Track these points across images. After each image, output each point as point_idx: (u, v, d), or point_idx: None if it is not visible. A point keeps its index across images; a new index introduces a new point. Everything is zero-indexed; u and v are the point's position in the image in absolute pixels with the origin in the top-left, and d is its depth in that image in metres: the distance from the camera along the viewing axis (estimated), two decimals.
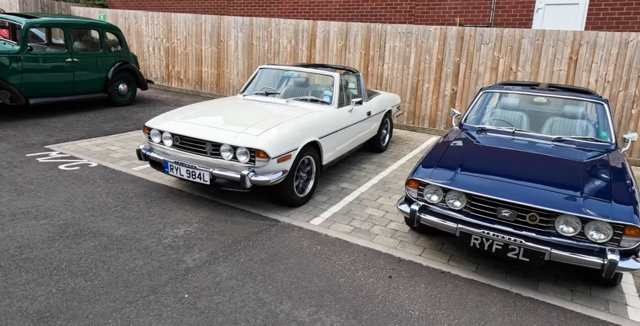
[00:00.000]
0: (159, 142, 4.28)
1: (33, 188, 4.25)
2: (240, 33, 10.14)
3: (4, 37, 7.44)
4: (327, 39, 9.15)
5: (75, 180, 4.60)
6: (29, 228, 3.42)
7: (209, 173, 3.94)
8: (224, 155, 3.92)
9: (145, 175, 5.00)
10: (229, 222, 3.93)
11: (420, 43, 8.25)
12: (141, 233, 3.53)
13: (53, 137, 6.21)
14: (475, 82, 7.90)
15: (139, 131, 6.91)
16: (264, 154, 3.79)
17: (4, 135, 6.03)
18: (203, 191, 4.62)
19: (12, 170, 4.71)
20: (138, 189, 4.52)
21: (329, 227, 4.01)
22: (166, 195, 4.44)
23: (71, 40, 7.48)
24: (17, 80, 6.78)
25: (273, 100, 5.15)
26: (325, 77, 5.49)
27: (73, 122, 7.14)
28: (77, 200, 4.08)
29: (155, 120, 4.39)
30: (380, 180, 5.43)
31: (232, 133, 3.97)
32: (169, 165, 4.13)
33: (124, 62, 8.50)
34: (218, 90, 10.75)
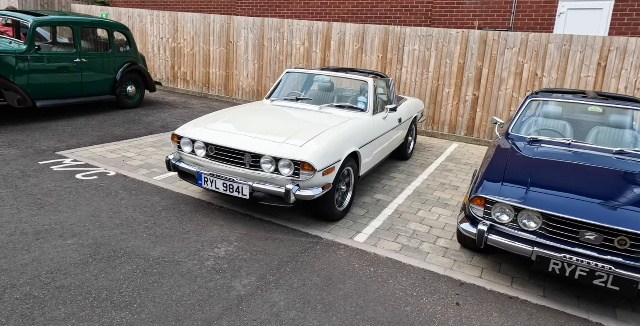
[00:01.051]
0: (190, 151, 3.98)
1: (53, 202, 3.92)
2: (251, 34, 9.83)
3: (9, 36, 7.06)
4: (342, 42, 8.88)
5: (97, 192, 4.27)
6: (58, 249, 3.10)
7: (248, 187, 3.64)
8: (265, 167, 3.63)
9: (169, 185, 4.69)
10: (269, 239, 3.64)
11: (441, 47, 8.01)
12: (179, 254, 3.23)
13: (64, 142, 5.86)
14: (498, 88, 7.68)
15: (152, 136, 6.58)
16: (309, 167, 3.51)
17: (12, 141, 5.66)
18: (234, 203, 4.32)
19: (27, 181, 4.37)
20: (165, 202, 4.21)
21: (376, 245, 3.74)
22: (196, 208, 4.13)
23: (80, 39, 7.13)
24: (23, 81, 6.42)
25: (305, 107, 4.87)
26: (357, 82, 5.22)
27: (82, 126, 6.79)
28: (103, 215, 3.76)
29: (186, 128, 4.09)
30: (414, 190, 5.17)
31: (274, 143, 3.68)
32: (203, 178, 3.83)
33: (132, 63, 8.16)
34: (226, 92, 10.43)
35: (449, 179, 5.72)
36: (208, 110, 9.04)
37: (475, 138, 7.95)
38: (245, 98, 10.21)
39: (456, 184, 5.53)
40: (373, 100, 4.91)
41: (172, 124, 7.45)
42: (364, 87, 5.21)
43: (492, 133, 7.83)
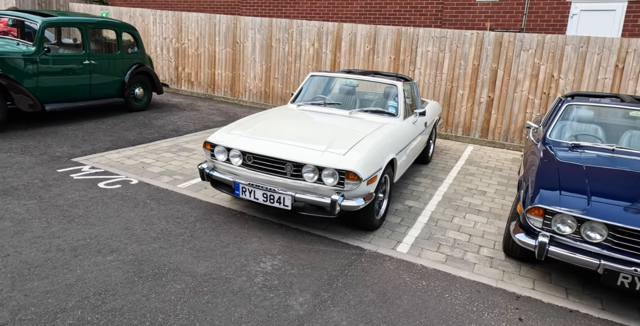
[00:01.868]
0: (224, 160, 3.82)
1: (82, 214, 3.74)
2: (258, 34, 9.66)
3: (14, 36, 6.81)
4: (353, 43, 8.76)
5: (124, 202, 4.10)
6: (99, 266, 2.93)
7: (290, 198, 3.51)
8: (307, 176, 3.50)
9: (195, 193, 4.53)
10: (311, 251, 3.51)
11: (455, 48, 7.93)
12: (225, 269, 3.08)
13: (78, 147, 5.65)
14: (513, 90, 7.62)
15: (166, 140, 6.39)
16: (354, 176, 3.38)
17: (25, 147, 5.45)
18: (266, 213, 4.18)
19: (50, 190, 4.17)
20: (196, 212, 4.05)
21: (420, 255, 3.63)
22: (229, 218, 3.98)
23: (88, 40, 6.90)
24: (32, 84, 6.19)
25: (334, 112, 4.74)
26: (380, 85, 5.10)
27: (92, 130, 6.58)
28: (136, 228, 3.59)
29: (219, 135, 3.93)
30: (442, 196, 5.07)
31: (315, 152, 3.54)
32: (240, 188, 3.68)
33: (140, 65, 7.94)
34: (232, 93, 10.25)
35: (474, 183, 5.63)
36: (216, 112, 8.87)
37: (490, 140, 7.89)
38: (252, 99, 10.04)
39: (482, 189, 5.45)
40: (403, 104, 4.80)
41: (184, 127, 7.26)
42: (390, 91, 5.09)
43: (523, 137, 7.77)
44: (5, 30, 6.92)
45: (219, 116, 8.50)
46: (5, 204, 3.74)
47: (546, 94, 7.42)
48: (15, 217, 3.52)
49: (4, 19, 6.97)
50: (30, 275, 2.73)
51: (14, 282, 2.64)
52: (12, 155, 5.07)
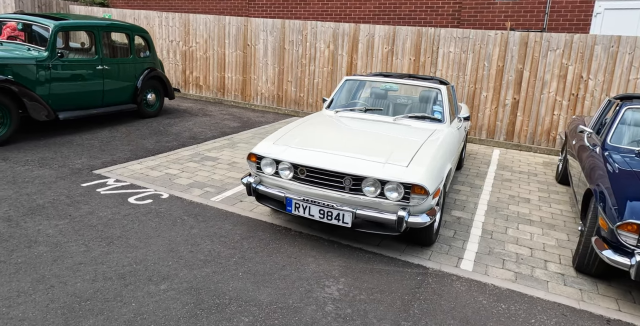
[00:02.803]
0: (272, 173, 3.54)
1: (119, 234, 3.44)
2: (270, 36, 9.37)
3: (22, 40, 6.46)
4: (371, 44, 8.50)
5: (160, 219, 3.80)
6: (154, 297, 2.64)
7: (351, 214, 3.23)
8: (368, 191, 3.23)
9: (231, 207, 4.24)
10: (373, 272, 3.24)
11: (479, 49, 7.71)
12: (291, 297, 2.80)
13: (97, 158, 5.33)
14: (540, 91, 7.41)
15: (186, 149, 6.09)
16: (421, 190, 3.12)
17: (41, 158, 5.11)
18: (311, 228, 3.90)
19: (79, 208, 3.86)
20: (239, 229, 3.76)
21: (487, 273, 3.37)
22: (275, 236, 3.70)
23: (101, 45, 6.58)
24: (44, 91, 5.85)
25: (377, 118, 4.47)
26: (427, 90, 4.84)
27: (108, 138, 6.25)
28: (181, 249, 3.30)
29: (264, 147, 3.64)
30: (487, 205, 4.83)
31: (376, 164, 3.28)
32: (293, 204, 3.40)
33: (152, 69, 7.63)
34: (243, 97, 9.94)
35: (514, 190, 5.40)
36: (229, 117, 8.57)
37: (515, 144, 7.67)
38: (264, 103, 9.75)
39: (525, 196, 5.21)
40: (449, 109, 4.55)
41: (201, 134, 6.96)
42: (429, 95, 4.84)
43: (551, 140, 7.55)
44: (14, 35, 6.57)
45: (234, 121, 8.21)
46: (36, 225, 3.42)
47: (574, 95, 7.22)
48: (49, 240, 3.21)
49: (11, 23, 6.62)
50: (83, 310, 2.43)
51: (66, 321, 2.34)
52: (31, 168, 4.74)
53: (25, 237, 3.21)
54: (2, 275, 2.69)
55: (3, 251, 2.98)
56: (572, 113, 7.28)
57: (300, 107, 9.40)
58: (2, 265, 2.80)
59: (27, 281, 2.66)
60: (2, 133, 5.33)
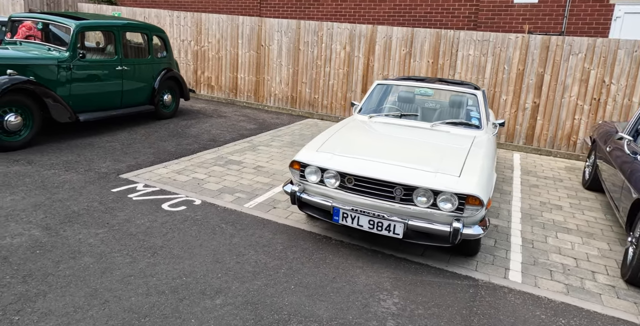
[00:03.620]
0: (316, 181, 3.46)
1: (161, 244, 3.34)
2: (285, 37, 9.27)
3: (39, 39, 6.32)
4: (388, 46, 8.43)
5: (199, 228, 3.71)
6: (212, 313, 2.55)
7: (402, 225, 3.16)
8: (420, 201, 3.16)
9: (266, 214, 4.16)
10: (424, 284, 3.17)
11: (499, 52, 7.65)
12: (349, 312, 2.73)
13: (121, 162, 5.23)
14: (561, 95, 7.37)
15: (208, 152, 5.99)
16: (476, 201, 3.06)
17: (66, 162, 5.00)
18: (351, 237, 3.83)
19: (115, 215, 3.76)
20: (280, 238, 3.68)
21: (537, 285, 3.32)
22: (317, 245, 3.62)
23: (121, 45, 6.46)
24: (65, 92, 5.73)
25: (413, 124, 4.40)
26: (461, 95, 4.77)
27: (128, 141, 6.14)
28: (227, 260, 3.22)
29: (308, 154, 3.56)
30: (521, 212, 4.77)
31: (427, 173, 3.21)
32: (340, 213, 3.32)
33: (168, 70, 7.52)
34: (256, 98, 9.84)
35: (544, 197, 5.34)
36: (244, 118, 8.47)
37: (535, 148, 7.63)
38: (278, 105, 9.65)
39: (555, 203, 5.16)
40: (485, 115, 4.49)
41: (219, 137, 6.86)
42: (461, 99, 4.77)
43: (571, 145, 7.50)
44: (31, 34, 6.44)
45: (249, 123, 8.11)
46: (76, 234, 3.32)
47: (596, 100, 7.18)
48: (93, 250, 3.12)
49: (27, 22, 6.48)
50: None
51: None
52: (57, 173, 4.63)
53: (67, 247, 3.11)
54: (54, 289, 2.60)
55: (49, 262, 2.88)
56: (594, 118, 7.25)
57: (314, 109, 9.31)
58: (52, 278, 2.70)
59: (80, 295, 2.57)
60: (25, 135, 5.21)
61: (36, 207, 3.71)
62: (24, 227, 3.31)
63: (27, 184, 4.21)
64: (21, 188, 4.09)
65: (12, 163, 4.74)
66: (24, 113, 5.15)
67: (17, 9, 10.46)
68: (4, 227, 3.28)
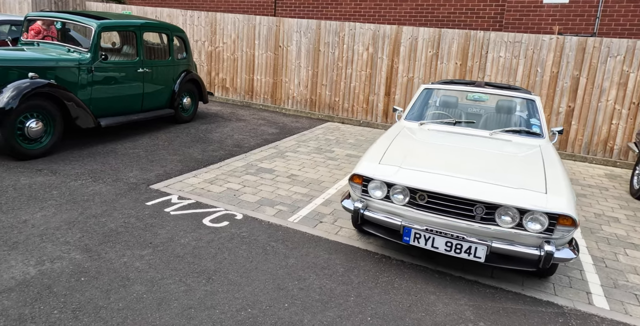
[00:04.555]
0: (381, 197, 3.15)
1: (214, 267, 3.02)
2: (304, 38, 8.95)
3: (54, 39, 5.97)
4: (414, 47, 8.13)
5: (249, 247, 3.39)
6: None
7: (485, 248, 2.86)
8: (503, 220, 2.85)
9: (313, 230, 3.84)
10: (508, 312, 2.87)
11: (531, 54, 7.37)
12: None
13: (148, 171, 4.90)
14: (597, 99, 7.09)
15: (236, 159, 5.67)
16: (568, 220, 2.76)
17: (92, 171, 4.67)
18: (410, 255, 3.52)
19: (156, 233, 3.44)
20: (336, 258, 3.37)
21: (627, 312, 3.02)
22: (378, 266, 3.31)
23: (142, 46, 6.12)
24: (86, 96, 5.40)
25: (471, 131, 4.10)
26: (518, 100, 4.47)
27: (151, 147, 5.80)
28: (290, 286, 2.90)
29: (371, 167, 3.25)
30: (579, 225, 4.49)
31: (511, 189, 2.90)
32: (412, 234, 3.01)
33: (188, 72, 7.19)
34: (273, 101, 9.52)
35: (597, 208, 5.06)
36: (264, 122, 8.15)
37: (569, 153, 7.35)
38: (296, 107, 9.33)
39: (610, 214, 4.88)
40: (546, 122, 4.19)
41: (244, 142, 6.54)
42: (511, 105, 4.47)
43: (608, 150, 7.23)
44: (47, 34, 6.08)
45: (270, 127, 7.79)
46: (119, 256, 3.00)
47: (635, 104, 6.91)
48: (142, 276, 2.79)
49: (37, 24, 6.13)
50: None
51: None
52: (85, 184, 4.29)
53: (114, 272, 2.78)
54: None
55: (98, 292, 2.55)
56: (633, 123, 6.98)
57: (334, 112, 9.00)
58: (105, 312, 2.38)
59: None
60: (46, 142, 4.87)
61: (70, 225, 3.38)
62: (62, 249, 2.99)
63: (56, 197, 3.88)
64: (50, 202, 3.75)
65: (36, 174, 4.40)
66: (45, 119, 4.82)
67: (24, 8, 10.09)
68: (40, 249, 2.95)
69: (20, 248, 2.93)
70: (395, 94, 8.41)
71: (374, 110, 8.66)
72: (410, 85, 8.27)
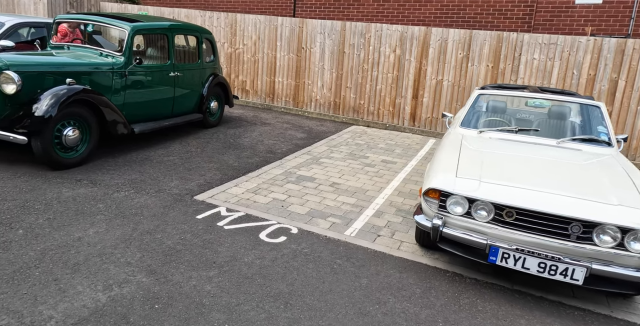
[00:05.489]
0: (462, 214, 2.96)
1: (287, 290, 2.82)
2: (328, 39, 8.75)
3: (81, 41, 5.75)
4: (443, 49, 7.93)
5: (316, 266, 3.19)
6: None
7: (584, 270, 2.67)
8: (603, 240, 2.67)
9: (373, 244, 3.65)
10: None
11: (567, 56, 7.19)
12: None
13: (189, 180, 4.70)
14: (637, 102, 6.91)
15: (273, 166, 5.47)
16: None
17: (131, 181, 4.46)
18: (480, 272, 3.33)
19: (217, 251, 3.23)
20: (409, 277, 3.17)
21: None
22: (454, 285, 3.12)
23: (174, 49, 5.91)
24: (119, 101, 5.19)
25: (535, 140, 3.91)
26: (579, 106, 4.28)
27: (185, 154, 5.60)
28: (372, 311, 2.70)
29: (448, 181, 3.05)
30: None
31: (609, 206, 2.72)
32: (500, 254, 2.82)
33: (216, 75, 6.98)
34: (295, 104, 9.32)
35: None
36: (289, 126, 7.95)
37: None
38: (319, 110, 9.13)
39: None
40: (613, 131, 4.01)
41: (275, 147, 6.34)
42: (578, 112, 4.29)
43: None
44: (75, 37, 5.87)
45: (297, 131, 7.59)
46: (186, 279, 2.80)
47: None
48: (216, 301, 2.59)
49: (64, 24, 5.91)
50: None
51: None
52: (128, 196, 4.09)
53: (187, 298, 2.58)
54: None
55: (177, 321, 2.35)
56: None
57: (359, 115, 8.81)
58: None
59: None
60: (82, 150, 4.66)
61: (127, 242, 3.18)
62: (126, 271, 2.78)
63: (103, 211, 3.67)
64: (99, 217, 3.55)
65: (76, 185, 4.19)
66: (81, 126, 4.61)
67: (39, 9, 9.86)
68: (103, 271, 2.75)
69: (82, 271, 2.72)
70: (423, 97, 8.22)
71: (401, 113, 8.47)
72: (439, 87, 8.08)
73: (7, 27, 6.14)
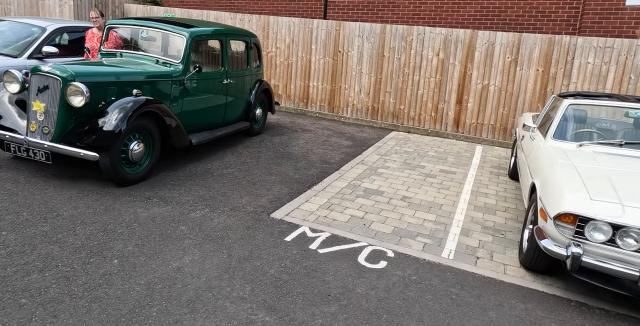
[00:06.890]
0: (604, 241, 2.71)
1: None
2: (367, 43, 8.49)
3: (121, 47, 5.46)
4: (490, 53, 7.68)
5: (434, 296, 2.93)
6: None
7: None
8: None
9: (477, 268, 3.40)
10: None
11: (624, 60, 6.95)
12: None
13: (257, 195, 4.43)
14: None
15: (333, 178, 5.21)
16: None
17: (201, 199, 4.18)
18: (606, 301, 3.08)
19: (324, 281, 2.97)
20: (535, 308, 2.92)
21: None
22: (586, 317, 2.87)
23: (227, 55, 5.64)
24: (176, 111, 4.92)
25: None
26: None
27: (242, 166, 5.32)
28: None
29: (583, 204, 2.79)
30: None
31: None
32: None
33: (261, 81, 6.71)
34: (330, 109, 9.05)
35: None
36: (330, 132, 7.68)
37: None
38: (356, 116, 8.87)
39: None
40: None
41: (327, 157, 6.08)
42: None
43: None
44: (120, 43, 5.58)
45: (340, 138, 7.33)
46: (309, 316, 2.52)
47: None
48: None
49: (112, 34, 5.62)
50: None
51: None
52: (205, 215, 3.82)
53: None
54: None
55: None
56: None
57: (399, 121, 8.55)
58: None
59: None
60: (145, 165, 4.39)
61: (229, 273, 2.91)
62: (245, 309, 2.52)
63: (188, 235, 3.40)
64: (187, 242, 3.28)
65: (148, 203, 3.92)
66: (145, 139, 4.33)
67: (65, 11, 9.55)
68: (222, 309, 2.48)
69: (199, 310, 2.46)
70: (468, 102, 7.97)
71: (444, 118, 8.21)
72: (485, 92, 7.83)
73: (49, 32, 5.86)
